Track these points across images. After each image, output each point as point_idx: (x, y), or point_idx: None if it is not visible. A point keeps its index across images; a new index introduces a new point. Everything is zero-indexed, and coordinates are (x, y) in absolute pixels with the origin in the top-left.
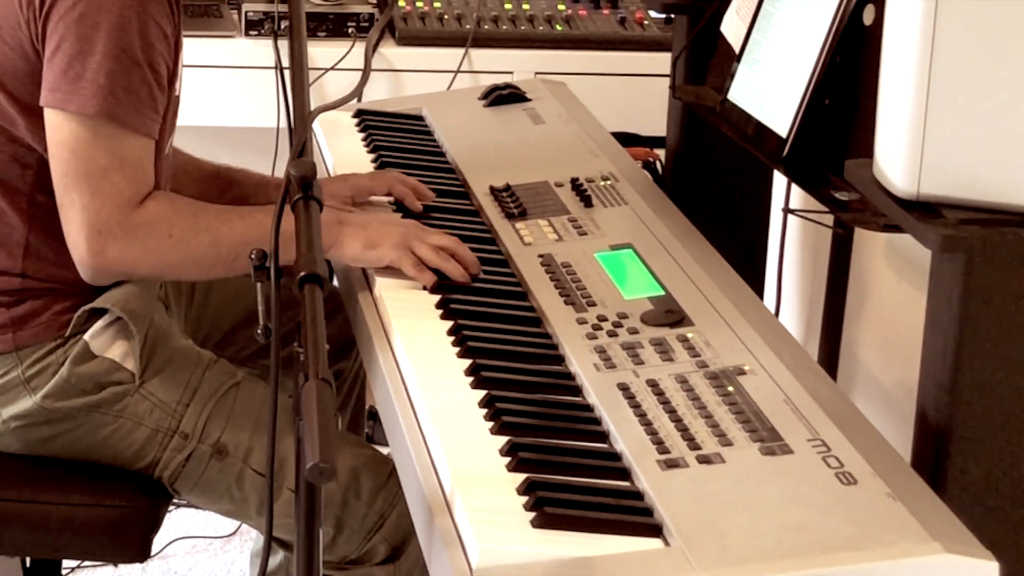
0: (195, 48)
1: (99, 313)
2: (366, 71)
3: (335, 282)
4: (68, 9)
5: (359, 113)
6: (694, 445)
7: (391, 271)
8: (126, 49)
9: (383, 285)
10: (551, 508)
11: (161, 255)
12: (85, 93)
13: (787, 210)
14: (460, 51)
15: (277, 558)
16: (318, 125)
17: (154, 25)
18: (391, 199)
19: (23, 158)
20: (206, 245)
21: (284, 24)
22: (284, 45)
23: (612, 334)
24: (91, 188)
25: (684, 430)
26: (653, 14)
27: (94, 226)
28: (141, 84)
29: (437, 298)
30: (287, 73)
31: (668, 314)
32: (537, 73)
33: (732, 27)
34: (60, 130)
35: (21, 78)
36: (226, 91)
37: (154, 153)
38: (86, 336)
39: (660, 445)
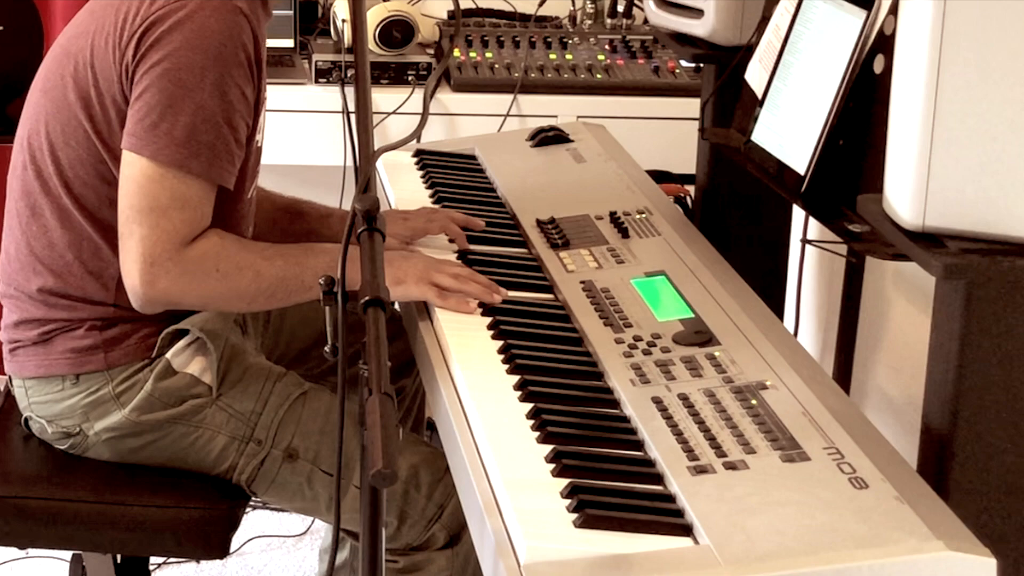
0: (270, 94)
1: (181, 335)
2: (424, 115)
3: (396, 307)
4: (155, 64)
5: (418, 153)
6: (721, 453)
7: None
8: (204, 107)
9: (440, 311)
10: (592, 510)
11: (207, 288)
12: (160, 143)
13: (805, 240)
14: (509, 97)
15: (344, 553)
16: (381, 164)
17: (235, 87)
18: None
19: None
20: (249, 280)
21: (350, 72)
22: (350, 91)
23: (647, 352)
24: (151, 222)
25: (712, 439)
26: (684, 63)
27: (148, 258)
28: (217, 139)
29: (488, 320)
30: (353, 117)
31: (697, 335)
32: (579, 117)
33: (755, 75)
34: (132, 167)
35: (115, 129)
36: (298, 133)
37: (235, 197)
38: (168, 354)
39: (690, 453)
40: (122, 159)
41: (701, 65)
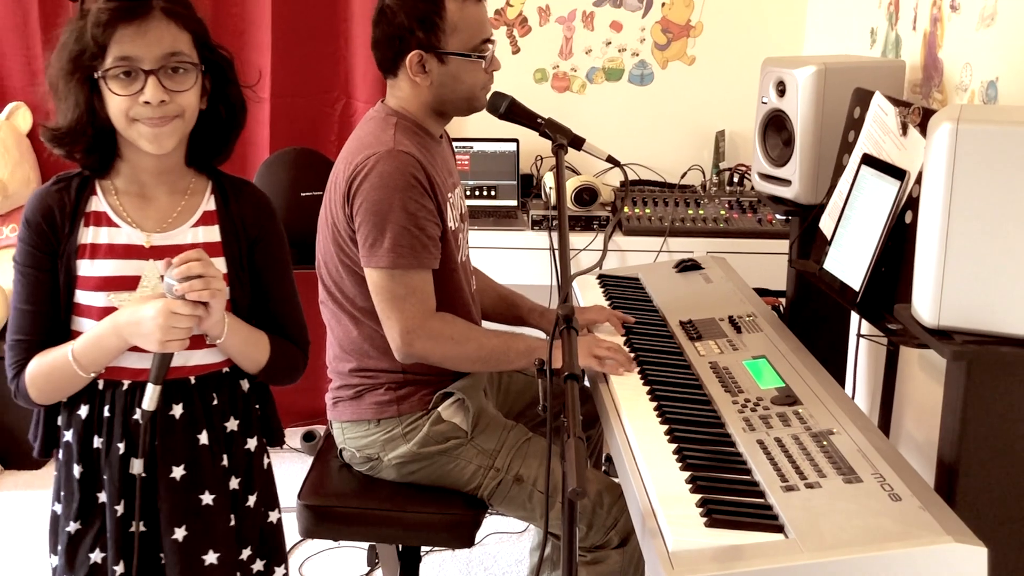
0: (501, 237)
1: (448, 395)
2: (604, 251)
3: (586, 382)
4: (361, 204)
5: (600, 276)
6: (803, 477)
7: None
8: (399, 222)
9: (615, 381)
10: (717, 515)
11: (445, 350)
12: (379, 254)
13: (859, 335)
14: (661, 239)
15: (546, 550)
16: (576, 284)
17: (415, 203)
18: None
19: None
20: (473, 348)
21: (555, 222)
22: (555, 235)
23: (753, 410)
24: (397, 307)
25: (796, 468)
26: (778, 216)
27: (405, 328)
28: (414, 240)
29: (647, 388)
30: (556, 253)
31: (787, 398)
32: (708, 252)
33: (826, 224)
34: (371, 276)
35: (352, 251)
36: (519, 263)
37: (448, 267)
38: (439, 408)
39: (782, 477)
40: (365, 273)
41: (789, 217)
